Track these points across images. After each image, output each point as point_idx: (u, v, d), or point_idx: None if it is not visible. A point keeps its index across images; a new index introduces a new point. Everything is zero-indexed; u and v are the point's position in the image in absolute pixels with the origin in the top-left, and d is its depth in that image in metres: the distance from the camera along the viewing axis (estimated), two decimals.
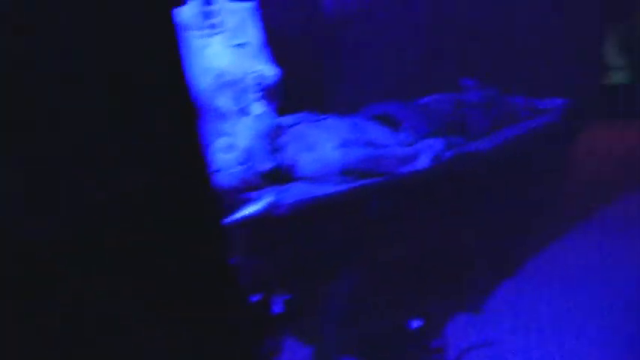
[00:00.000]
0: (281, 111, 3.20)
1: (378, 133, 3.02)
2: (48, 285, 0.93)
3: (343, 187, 2.71)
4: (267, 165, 2.68)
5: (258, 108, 3.10)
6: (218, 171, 2.65)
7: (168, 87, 1.04)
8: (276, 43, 3.33)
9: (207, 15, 3.24)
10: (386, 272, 2.90)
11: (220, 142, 2.69)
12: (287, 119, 2.99)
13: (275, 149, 2.76)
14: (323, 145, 2.78)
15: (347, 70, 4.32)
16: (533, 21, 4.20)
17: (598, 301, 3.17)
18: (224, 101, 3.14)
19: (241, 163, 2.61)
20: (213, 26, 3.25)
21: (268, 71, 3.23)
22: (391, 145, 3.00)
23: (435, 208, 3.06)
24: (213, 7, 3.24)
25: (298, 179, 2.80)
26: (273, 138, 2.76)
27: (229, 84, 3.09)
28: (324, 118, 3.02)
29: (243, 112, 3.28)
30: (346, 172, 2.77)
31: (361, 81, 4.26)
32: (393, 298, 2.94)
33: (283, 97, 3.28)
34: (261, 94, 3.00)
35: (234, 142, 2.68)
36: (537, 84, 4.04)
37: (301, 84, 3.54)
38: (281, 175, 2.76)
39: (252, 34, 3.30)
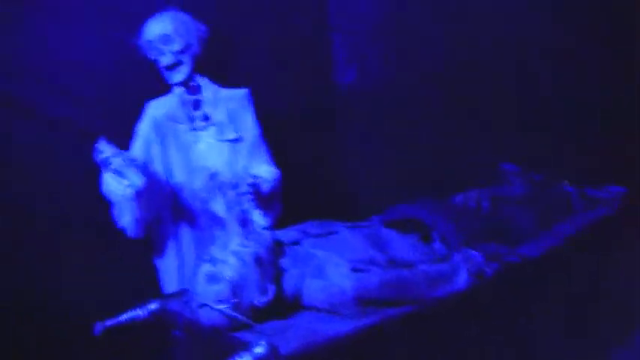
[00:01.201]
0: (281, 221, 2.61)
1: (400, 245, 2.43)
2: None
3: (360, 322, 2.09)
4: (261, 298, 2.08)
5: (254, 218, 2.52)
6: (203, 306, 2.05)
7: None
8: (274, 133, 2.77)
9: (194, 105, 2.71)
10: None
11: (206, 269, 2.10)
12: (288, 233, 2.40)
13: (272, 275, 2.15)
14: (332, 270, 2.18)
15: (357, 166, 3.74)
16: (584, 94, 3.58)
17: None
18: (218, 206, 2.56)
19: (229, 299, 2.01)
20: (202, 118, 2.71)
21: (265, 172, 2.67)
22: (419, 262, 2.38)
23: (481, 337, 2.42)
24: (200, 96, 2.71)
25: (303, 310, 2.19)
26: (270, 261, 2.16)
27: (223, 186, 2.51)
28: (333, 230, 2.42)
29: (237, 222, 2.70)
30: (363, 301, 2.16)
31: (375, 176, 3.63)
32: None
33: (284, 201, 2.70)
34: (256, 201, 2.42)
35: (221, 269, 2.09)
36: (590, 168, 3.40)
37: (305, 185, 2.97)
38: (280, 308, 2.15)
39: (247, 126, 2.75)
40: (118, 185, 2.27)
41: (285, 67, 3.53)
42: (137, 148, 2.63)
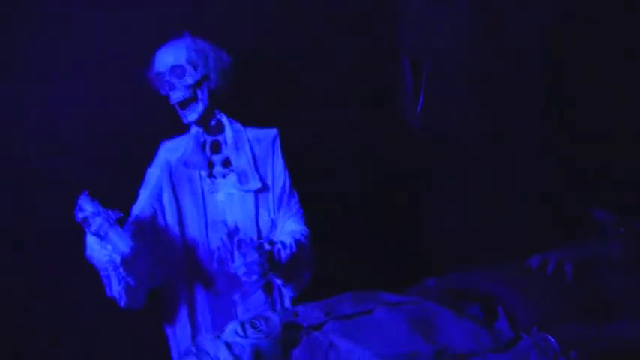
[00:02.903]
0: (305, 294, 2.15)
1: (454, 330, 1.90)
2: None
3: None
4: None
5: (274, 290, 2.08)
6: None
7: None
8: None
9: (213, 148, 2.29)
10: None
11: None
12: (311, 311, 1.92)
13: None
14: None
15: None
16: None
17: None
18: (237, 267, 2.11)
19: None
20: (222, 163, 2.28)
21: (287, 233, 2.21)
22: (476, 351, 1.85)
23: None
24: (221, 138, 2.28)
25: None
26: (274, 354, 1.70)
27: (243, 245, 2.07)
28: (368, 309, 1.93)
29: (261, 288, 2.26)
30: None
31: (436, 234, 3.06)
32: None
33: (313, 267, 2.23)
34: (270, 269, 1.97)
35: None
36: None
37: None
38: None
39: (275, 174, 2.31)
40: (101, 250, 1.87)
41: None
42: (145, 197, 2.25)
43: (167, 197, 2.28)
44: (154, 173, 2.29)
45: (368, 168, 2.87)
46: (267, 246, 1.98)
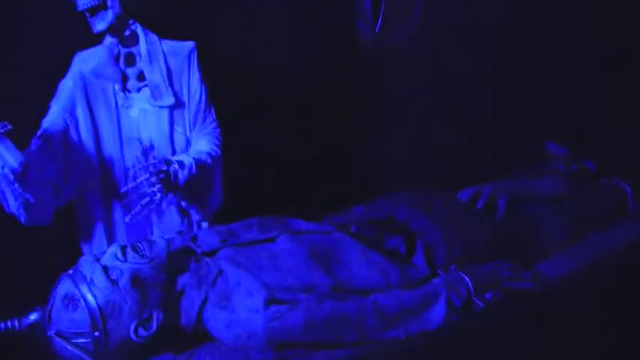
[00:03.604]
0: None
1: (359, 263, 1.81)
2: None
3: None
4: (141, 331, 1.55)
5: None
6: (56, 336, 1.54)
7: None
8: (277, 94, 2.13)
9: (127, 60, 2.15)
10: None
11: (64, 288, 1.58)
12: (209, 236, 1.84)
13: (160, 299, 1.61)
14: (242, 299, 1.62)
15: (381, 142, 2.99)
16: None
17: None
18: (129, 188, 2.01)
19: (89, 332, 1.48)
20: (137, 77, 2.15)
21: (198, 151, 2.10)
22: (382, 286, 1.77)
23: None
24: (136, 49, 2.14)
25: (208, 342, 1.66)
26: (157, 280, 1.62)
27: (158, 165, 1.97)
28: (271, 237, 1.84)
29: (175, 208, 2.17)
30: (281, 345, 1.60)
31: (401, 155, 2.88)
32: None
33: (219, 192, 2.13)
34: (166, 191, 1.87)
35: (82, 290, 1.57)
36: None
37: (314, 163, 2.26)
38: (179, 340, 1.62)
39: (191, 89, 2.18)
40: None
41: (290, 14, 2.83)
42: (57, 109, 2.12)
43: (81, 110, 2.16)
44: (67, 85, 2.16)
45: (301, 83, 2.67)
46: (161, 165, 1.87)
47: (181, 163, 1.95)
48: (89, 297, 1.55)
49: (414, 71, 2.84)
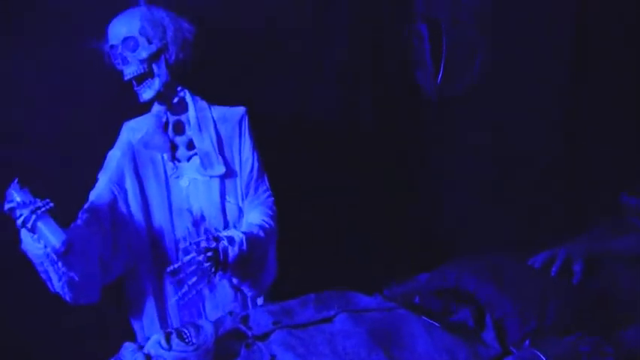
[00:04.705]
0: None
1: (424, 342, 1.64)
2: None
3: None
4: None
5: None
6: None
7: None
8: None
9: (176, 128, 2.07)
10: None
11: None
12: (262, 316, 1.70)
13: None
14: None
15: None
16: None
17: None
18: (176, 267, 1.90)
19: None
20: (186, 145, 2.07)
21: (249, 224, 1.99)
22: None
23: None
24: (185, 117, 2.06)
25: None
26: None
27: (208, 234, 1.87)
28: (329, 316, 1.69)
29: (229, 283, 2.06)
30: None
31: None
32: None
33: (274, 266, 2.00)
34: (216, 268, 1.76)
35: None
36: None
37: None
38: None
39: (242, 157, 2.08)
40: (34, 244, 1.68)
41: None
42: (105, 181, 2.05)
43: (130, 181, 2.09)
44: (115, 155, 2.10)
45: (356, 143, 2.55)
46: (209, 243, 1.76)
47: (231, 239, 1.84)
48: None
49: (479, 123, 2.68)
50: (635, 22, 2.73)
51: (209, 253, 1.76)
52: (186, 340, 1.51)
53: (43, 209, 1.67)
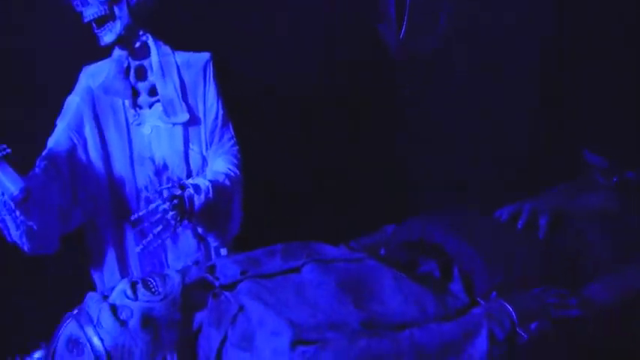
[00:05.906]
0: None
1: (393, 293, 1.64)
2: None
3: None
4: None
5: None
6: None
7: None
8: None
9: (138, 73, 1.99)
10: None
11: (69, 329, 1.42)
12: (230, 266, 1.67)
13: (174, 340, 1.45)
14: (265, 340, 1.46)
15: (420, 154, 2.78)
16: None
17: None
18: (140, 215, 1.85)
19: None
20: (148, 91, 2.00)
21: (214, 172, 1.94)
22: (418, 319, 1.59)
23: None
24: (147, 62, 1.98)
25: None
26: (171, 320, 1.46)
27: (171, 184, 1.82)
28: (296, 266, 1.67)
29: (191, 232, 2.01)
30: None
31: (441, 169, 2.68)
32: None
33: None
34: (181, 216, 1.71)
35: (88, 333, 1.41)
36: None
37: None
38: None
39: (207, 104, 2.02)
40: None
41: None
42: (63, 128, 1.98)
43: (89, 128, 2.02)
44: (74, 101, 2.02)
45: (324, 97, 2.51)
46: (175, 191, 1.71)
47: (197, 187, 1.80)
48: (95, 340, 1.39)
49: (447, 80, 2.67)
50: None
51: (175, 201, 1.71)
52: (153, 290, 1.48)
53: None
